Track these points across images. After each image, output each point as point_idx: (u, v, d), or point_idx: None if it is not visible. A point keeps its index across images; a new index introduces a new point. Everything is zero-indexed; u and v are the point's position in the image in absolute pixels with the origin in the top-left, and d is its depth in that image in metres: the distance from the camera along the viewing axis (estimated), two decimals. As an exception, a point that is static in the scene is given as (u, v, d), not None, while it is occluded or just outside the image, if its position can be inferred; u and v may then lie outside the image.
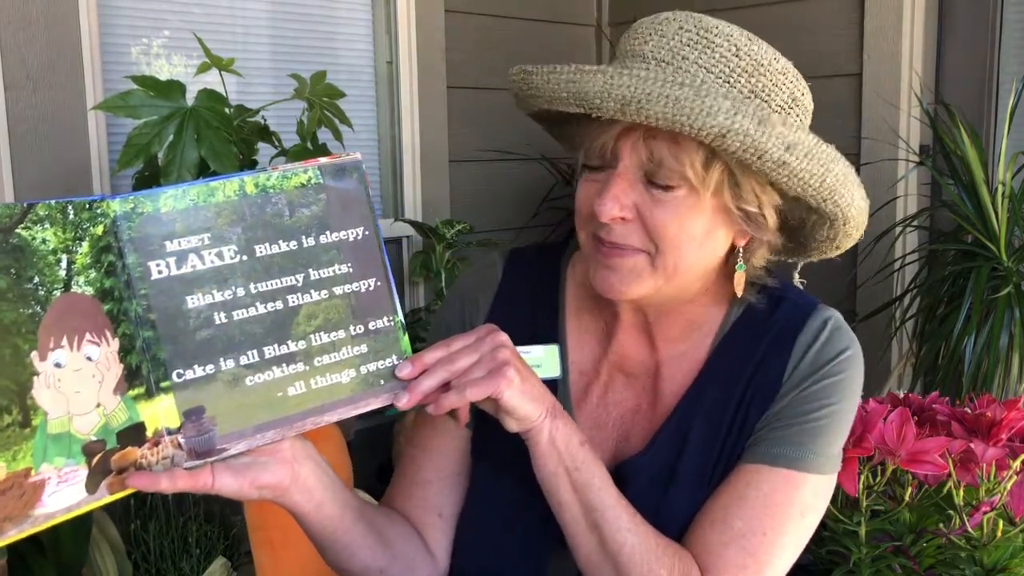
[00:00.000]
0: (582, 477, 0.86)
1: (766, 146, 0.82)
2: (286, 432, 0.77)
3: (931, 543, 1.29)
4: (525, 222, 2.78)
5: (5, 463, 0.66)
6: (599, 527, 0.86)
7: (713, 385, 0.95)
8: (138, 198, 0.73)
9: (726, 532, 0.88)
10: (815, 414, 0.91)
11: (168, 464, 0.73)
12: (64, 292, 0.70)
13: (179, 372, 0.74)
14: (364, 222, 0.81)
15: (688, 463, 0.92)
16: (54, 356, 0.69)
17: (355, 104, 2.39)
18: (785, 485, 0.90)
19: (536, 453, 0.86)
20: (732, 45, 0.87)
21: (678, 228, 0.87)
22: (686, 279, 0.91)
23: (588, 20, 2.98)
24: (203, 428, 0.74)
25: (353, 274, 0.80)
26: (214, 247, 0.75)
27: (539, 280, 1.05)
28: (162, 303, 0.73)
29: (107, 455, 0.71)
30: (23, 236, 0.68)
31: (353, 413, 0.79)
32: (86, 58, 1.95)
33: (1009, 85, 2.22)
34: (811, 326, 0.94)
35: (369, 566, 0.93)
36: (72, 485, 0.69)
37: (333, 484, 0.87)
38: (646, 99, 0.81)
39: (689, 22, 0.88)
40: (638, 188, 0.87)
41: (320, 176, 0.79)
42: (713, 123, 0.80)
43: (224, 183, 0.76)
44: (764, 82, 0.87)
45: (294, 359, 0.77)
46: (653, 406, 0.97)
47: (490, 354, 0.81)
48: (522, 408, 0.82)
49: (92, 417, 0.70)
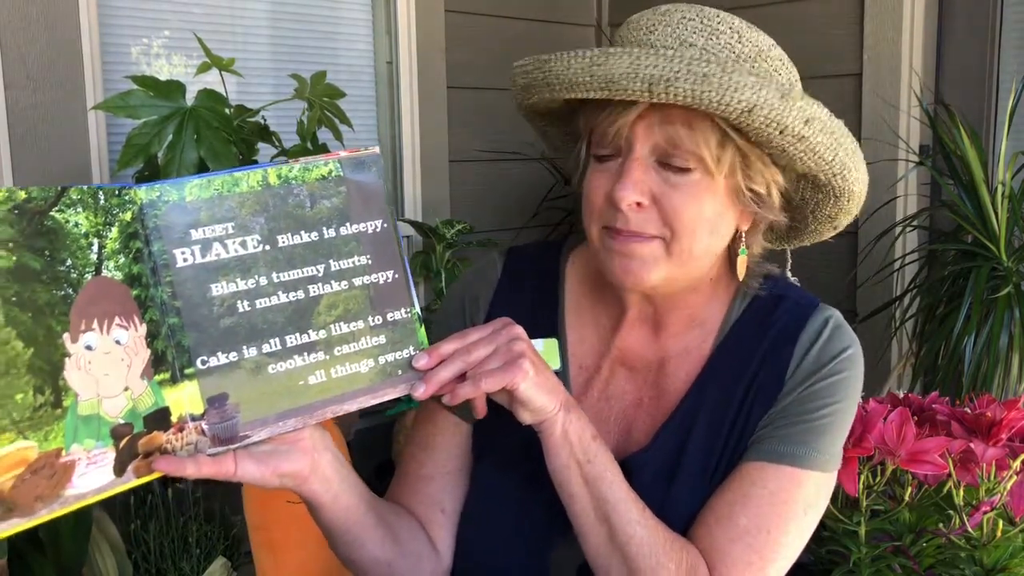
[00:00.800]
0: (594, 470, 0.86)
1: (787, 119, 0.84)
2: (307, 420, 0.78)
3: (931, 543, 1.29)
4: (525, 222, 2.78)
5: (37, 442, 0.67)
6: (609, 519, 0.87)
7: (716, 382, 0.96)
8: (164, 187, 0.75)
9: (732, 529, 0.89)
10: (818, 412, 0.92)
11: (192, 450, 0.74)
12: (95, 275, 0.71)
13: (203, 359, 0.75)
14: (382, 215, 0.82)
15: (691, 459, 0.93)
16: (85, 338, 0.70)
17: (355, 104, 2.39)
18: (790, 483, 0.90)
19: (549, 445, 0.86)
20: (735, 32, 0.89)
21: (695, 212, 0.88)
22: (698, 265, 0.93)
23: (588, 20, 2.98)
24: (226, 415, 0.75)
25: (372, 266, 0.81)
26: (238, 236, 0.76)
27: (539, 276, 1.05)
28: (187, 291, 0.75)
29: (134, 439, 0.72)
30: (57, 219, 0.70)
31: (372, 402, 0.80)
32: (86, 58, 1.95)
33: (1009, 85, 2.22)
34: (812, 325, 0.95)
35: (378, 559, 0.94)
36: (101, 467, 0.70)
37: (349, 476, 0.88)
38: (674, 77, 0.82)
39: (691, 11, 0.90)
40: (651, 174, 0.88)
41: (340, 169, 0.81)
42: (741, 98, 0.82)
43: (248, 173, 0.78)
44: (766, 67, 0.89)
45: (315, 348, 0.78)
46: (656, 401, 0.98)
47: (506, 346, 0.82)
48: (537, 400, 0.83)
49: (120, 400, 0.72)
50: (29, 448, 0.67)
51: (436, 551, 1.00)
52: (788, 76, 0.91)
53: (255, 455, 0.78)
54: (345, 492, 0.87)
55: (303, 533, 1.74)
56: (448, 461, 1.02)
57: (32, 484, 0.67)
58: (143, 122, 1.57)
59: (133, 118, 1.58)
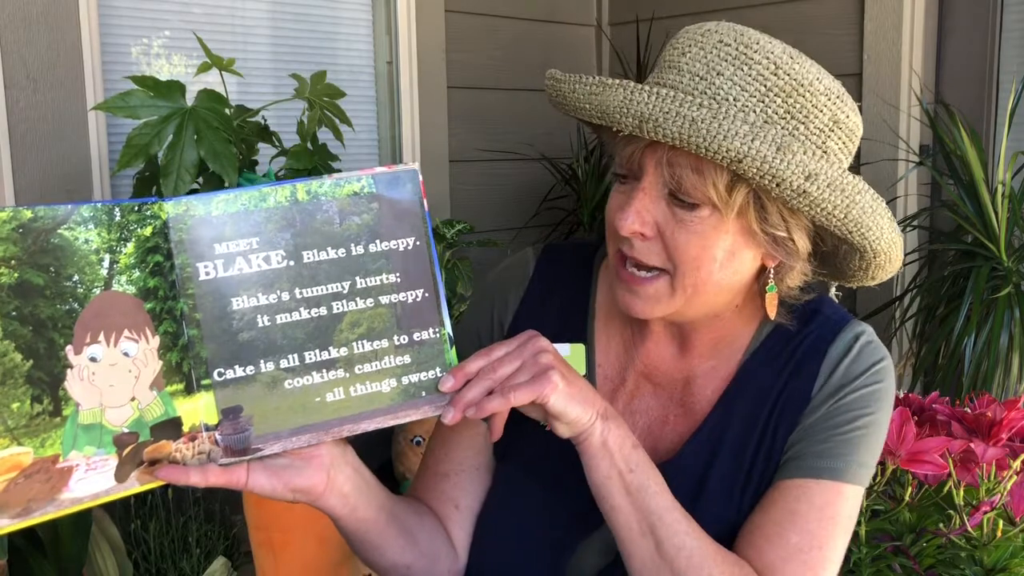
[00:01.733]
0: (637, 480, 0.84)
1: (784, 173, 0.80)
2: (322, 437, 0.78)
3: (931, 543, 1.29)
4: (525, 222, 2.78)
5: (33, 448, 0.70)
6: (655, 531, 0.84)
7: (743, 398, 0.94)
8: (190, 201, 0.75)
9: (783, 547, 0.87)
10: (852, 424, 0.90)
11: (204, 459, 0.75)
12: (104, 290, 0.72)
13: (220, 371, 0.76)
14: (416, 232, 0.81)
15: (717, 475, 0.92)
16: (90, 351, 0.72)
17: (355, 104, 2.39)
18: (835, 497, 0.89)
19: (588, 456, 0.84)
20: (771, 63, 0.84)
21: (699, 249, 0.86)
22: (708, 298, 0.90)
23: (588, 20, 2.98)
24: (240, 427, 0.76)
25: (401, 284, 0.80)
26: (262, 251, 0.77)
27: (571, 280, 1.04)
28: (208, 304, 0.75)
29: (139, 447, 0.73)
30: (65, 236, 0.71)
31: (391, 423, 0.80)
32: (86, 58, 1.95)
33: (1009, 85, 2.22)
34: (842, 340, 0.93)
35: (397, 563, 0.94)
36: (101, 473, 0.72)
37: (368, 488, 0.87)
38: (663, 117, 0.80)
39: (730, 35, 0.86)
40: (661, 205, 0.86)
41: (373, 185, 0.80)
42: (729, 147, 0.79)
43: (276, 189, 0.78)
44: (802, 103, 0.85)
45: (334, 365, 0.78)
46: (682, 418, 0.97)
47: (532, 359, 0.81)
48: (571, 411, 0.81)
49: (125, 410, 0.73)
50: (24, 453, 0.69)
51: (453, 549, 0.99)
52: (832, 112, 0.86)
53: (269, 467, 0.78)
54: (363, 505, 0.87)
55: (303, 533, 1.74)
56: (466, 459, 1.01)
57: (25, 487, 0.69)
58: (143, 122, 1.57)
59: (133, 118, 1.58)
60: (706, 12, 2.61)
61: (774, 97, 0.84)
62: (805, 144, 0.85)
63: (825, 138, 0.87)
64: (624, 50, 2.83)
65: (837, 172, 0.83)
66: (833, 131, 0.87)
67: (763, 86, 0.84)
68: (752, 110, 0.84)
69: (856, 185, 0.84)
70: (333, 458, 0.82)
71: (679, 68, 0.87)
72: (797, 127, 0.85)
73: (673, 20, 2.76)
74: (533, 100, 2.80)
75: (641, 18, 2.80)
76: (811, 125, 0.86)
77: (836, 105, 0.87)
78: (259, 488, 0.78)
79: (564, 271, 1.04)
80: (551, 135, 2.84)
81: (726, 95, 0.84)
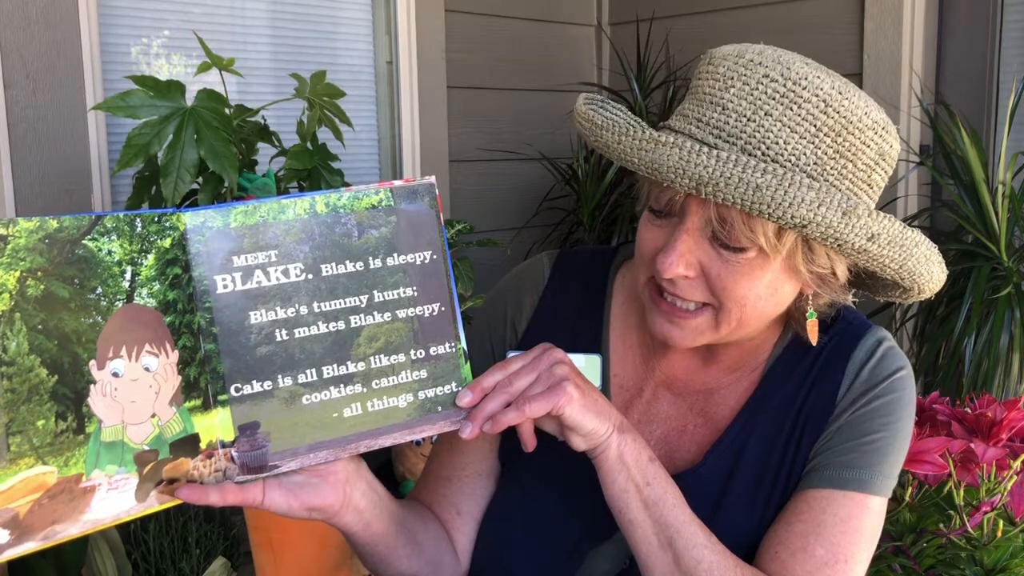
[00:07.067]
0: (654, 493, 0.84)
1: (848, 236, 0.79)
2: (339, 453, 0.77)
3: (931, 543, 1.29)
4: (525, 222, 2.78)
5: (57, 468, 0.68)
6: (674, 544, 0.84)
7: (765, 408, 0.94)
8: (208, 212, 0.74)
9: (809, 561, 0.86)
10: (875, 434, 0.90)
11: (220, 477, 0.74)
12: (127, 303, 0.71)
13: (237, 386, 0.74)
14: (432, 246, 0.80)
15: (739, 484, 0.92)
16: (112, 365, 0.70)
17: (355, 104, 2.39)
18: (859, 509, 0.88)
19: (604, 470, 0.84)
20: (821, 101, 0.81)
21: (746, 289, 0.85)
22: (750, 327, 0.90)
23: (588, 20, 2.98)
24: (256, 443, 0.75)
25: (417, 298, 0.80)
26: (280, 264, 0.76)
27: (586, 286, 1.03)
28: (225, 317, 0.74)
29: (159, 465, 0.72)
30: (89, 247, 0.70)
31: (408, 439, 0.79)
32: (86, 58, 1.95)
33: (1009, 85, 2.22)
34: (864, 346, 0.93)
35: (404, 573, 0.93)
36: (122, 493, 0.70)
37: (381, 502, 0.87)
38: (724, 183, 0.77)
39: (776, 70, 0.81)
40: (704, 246, 0.84)
41: (392, 198, 0.79)
42: (795, 213, 0.77)
43: (295, 201, 0.77)
44: (852, 141, 0.82)
45: (352, 380, 0.77)
46: (702, 427, 0.96)
47: (548, 371, 0.80)
48: (586, 424, 0.80)
49: (146, 427, 0.72)
50: (48, 473, 0.68)
51: (456, 555, 0.99)
52: (878, 146, 0.84)
53: (285, 485, 0.77)
54: (376, 519, 0.86)
55: (303, 533, 1.74)
56: (470, 464, 1.01)
57: (49, 509, 0.67)
58: (143, 122, 1.57)
59: (133, 118, 1.58)
60: (706, 12, 2.62)
61: (824, 137, 0.81)
62: (860, 194, 0.84)
63: (871, 172, 0.85)
64: (624, 50, 2.83)
65: (898, 230, 0.82)
66: (879, 164, 0.86)
67: (813, 126, 0.81)
68: (808, 160, 0.81)
69: (914, 238, 0.83)
70: (348, 474, 0.82)
71: (723, 106, 0.82)
72: (846, 166, 0.83)
73: (673, 20, 2.76)
74: (533, 100, 2.80)
75: (641, 18, 2.80)
76: (859, 162, 0.84)
77: (882, 138, 0.85)
78: (275, 507, 0.77)
79: (579, 277, 1.03)
80: (551, 135, 2.84)
81: (776, 139, 0.81)
